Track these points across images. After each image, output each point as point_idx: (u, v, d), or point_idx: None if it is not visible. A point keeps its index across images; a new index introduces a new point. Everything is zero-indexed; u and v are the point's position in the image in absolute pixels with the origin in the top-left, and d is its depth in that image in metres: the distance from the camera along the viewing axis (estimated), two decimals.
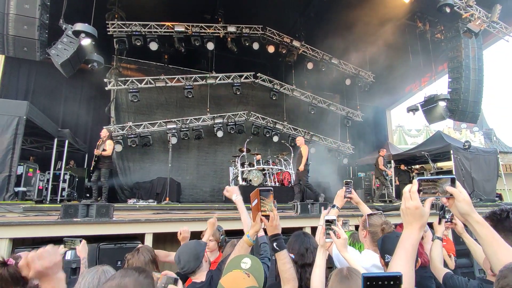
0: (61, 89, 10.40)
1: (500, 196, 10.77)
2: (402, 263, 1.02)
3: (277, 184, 10.58)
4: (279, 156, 11.40)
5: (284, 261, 1.46)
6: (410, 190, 1.06)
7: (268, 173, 10.82)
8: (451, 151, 10.04)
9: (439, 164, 12.73)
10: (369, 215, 2.21)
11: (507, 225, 1.36)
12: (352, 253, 1.80)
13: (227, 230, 3.12)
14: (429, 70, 12.07)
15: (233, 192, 2.20)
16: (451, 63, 10.47)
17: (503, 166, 13.71)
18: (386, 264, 1.78)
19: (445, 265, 2.35)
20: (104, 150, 6.92)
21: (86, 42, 6.66)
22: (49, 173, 8.18)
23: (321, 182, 11.25)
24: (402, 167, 12.23)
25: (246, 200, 1.89)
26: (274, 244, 1.47)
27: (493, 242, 1.02)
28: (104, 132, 7.32)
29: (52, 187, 8.27)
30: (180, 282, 1.36)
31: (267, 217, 1.46)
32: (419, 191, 1.06)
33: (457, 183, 1.06)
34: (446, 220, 2.22)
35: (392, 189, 10.36)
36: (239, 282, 1.32)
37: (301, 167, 7.78)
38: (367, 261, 2.03)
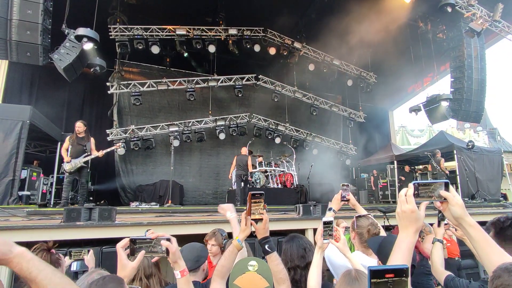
0: (64, 93, 10.46)
1: (505, 196, 10.66)
2: None
3: (279, 185, 10.59)
4: (281, 158, 11.41)
5: (277, 262, 1.48)
6: (406, 193, 1.07)
7: (271, 174, 10.83)
8: (455, 151, 9.99)
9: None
10: (357, 217, 2.25)
11: (509, 234, 1.39)
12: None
13: (230, 233, 3.10)
14: (431, 70, 12.02)
15: (227, 210, 2.13)
16: (454, 62, 10.41)
17: (508, 166, 13.60)
18: None
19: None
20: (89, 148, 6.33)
21: (88, 46, 6.70)
22: (52, 177, 8.21)
23: (324, 183, 11.21)
24: (407, 168, 12.19)
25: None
26: (266, 247, 1.48)
27: (486, 244, 1.05)
28: (82, 127, 6.33)
29: (56, 191, 8.30)
30: (174, 239, 1.31)
31: (258, 220, 1.47)
32: (415, 195, 1.07)
33: (451, 187, 1.08)
34: (446, 222, 2.21)
35: None
36: (257, 283, 1.36)
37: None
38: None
